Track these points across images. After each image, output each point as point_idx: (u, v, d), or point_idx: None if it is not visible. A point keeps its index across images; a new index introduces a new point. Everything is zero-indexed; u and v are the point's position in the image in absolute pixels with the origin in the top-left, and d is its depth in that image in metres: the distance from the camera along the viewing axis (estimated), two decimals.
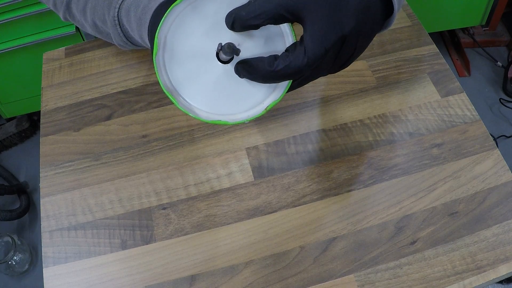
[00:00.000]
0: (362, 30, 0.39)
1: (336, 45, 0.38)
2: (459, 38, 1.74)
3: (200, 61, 0.41)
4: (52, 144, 0.63)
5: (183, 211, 0.56)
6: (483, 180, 0.56)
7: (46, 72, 0.71)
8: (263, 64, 0.39)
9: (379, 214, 0.55)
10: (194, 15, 0.40)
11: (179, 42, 0.41)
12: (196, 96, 0.42)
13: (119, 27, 0.55)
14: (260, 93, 0.42)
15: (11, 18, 1.26)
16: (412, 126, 0.61)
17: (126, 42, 0.56)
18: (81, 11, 0.58)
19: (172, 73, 0.42)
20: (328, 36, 0.37)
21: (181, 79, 0.42)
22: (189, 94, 0.42)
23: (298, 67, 0.38)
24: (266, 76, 0.39)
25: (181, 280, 0.52)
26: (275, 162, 0.59)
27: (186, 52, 0.41)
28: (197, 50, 0.41)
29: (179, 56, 0.41)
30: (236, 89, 0.42)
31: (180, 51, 0.41)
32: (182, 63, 0.42)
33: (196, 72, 0.42)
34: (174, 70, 0.42)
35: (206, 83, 0.42)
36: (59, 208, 0.58)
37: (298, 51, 0.38)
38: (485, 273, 0.50)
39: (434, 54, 0.68)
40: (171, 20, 0.40)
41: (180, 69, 0.42)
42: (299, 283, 0.51)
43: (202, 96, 0.42)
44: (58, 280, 0.53)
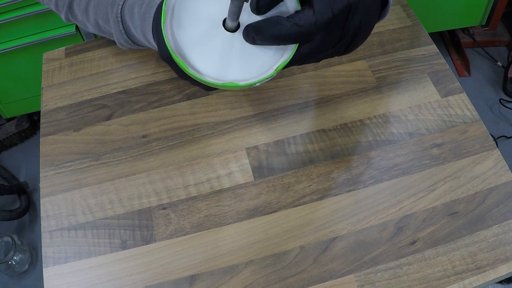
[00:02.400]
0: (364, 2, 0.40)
1: (342, 12, 0.39)
2: (459, 38, 1.74)
3: (207, 28, 0.42)
4: (52, 144, 0.63)
5: (183, 211, 0.56)
6: (483, 180, 0.56)
7: (46, 72, 0.71)
8: (273, 24, 0.39)
9: (379, 214, 0.55)
10: None
11: (186, 9, 0.42)
12: (204, 63, 0.42)
13: (121, 24, 0.55)
14: (268, 58, 0.42)
15: (11, 18, 1.26)
16: (412, 126, 0.61)
17: (127, 40, 0.56)
18: (83, 11, 0.58)
19: (180, 39, 0.42)
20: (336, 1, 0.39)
21: (189, 46, 0.42)
22: (198, 60, 0.42)
23: (308, 26, 0.39)
24: (276, 36, 0.40)
25: (181, 280, 0.52)
26: (275, 162, 0.59)
27: (193, 19, 0.42)
28: (204, 17, 0.42)
29: (187, 23, 0.42)
30: (244, 56, 0.42)
31: (187, 18, 0.42)
32: (190, 29, 0.42)
33: (204, 39, 0.42)
34: (181, 36, 0.42)
35: (214, 50, 0.42)
36: (59, 208, 0.58)
37: (307, 11, 0.39)
38: (485, 273, 0.50)
39: (434, 54, 0.68)
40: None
41: (187, 35, 0.42)
42: (299, 283, 0.51)
43: (210, 62, 0.42)
44: (58, 280, 0.53)
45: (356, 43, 0.43)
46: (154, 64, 0.70)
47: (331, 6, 0.39)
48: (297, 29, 0.39)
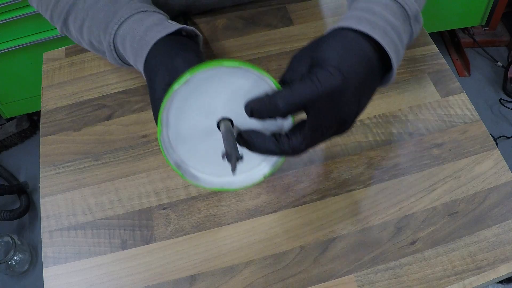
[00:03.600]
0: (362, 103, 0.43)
1: (334, 128, 0.42)
2: (459, 38, 1.74)
3: (203, 135, 0.45)
4: (52, 144, 0.63)
5: (183, 211, 0.56)
6: (483, 180, 0.56)
7: (46, 72, 0.71)
8: (263, 142, 0.42)
9: (379, 214, 0.55)
10: (194, 94, 0.42)
11: (182, 120, 0.44)
12: (200, 164, 0.47)
13: (114, 52, 0.55)
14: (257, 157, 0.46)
15: (11, 18, 1.26)
16: (412, 126, 0.61)
17: (122, 64, 0.57)
18: (78, 30, 0.58)
19: (178, 149, 0.46)
20: (327, 124, 0.41)
21: (186, 153, 0.46)
22: (194, 163, 0.47)
23: (296, 151, 0.42)
24: (265, 153, 0.43)
25: (181, 280, 0.52)
26: None
27: (188, 128, 0.44)
28: (200, 126, 0.44)
29: (183, 132, 0.44)
30: None
31: (183, 128, 0.44)
32: (186, 138, 0.45)
33: (200, 145, 0.46)
34: (179, 146, 0.45)
35: (209, 152, 0.46)
36: (59, 208, 0.58)
37: (296, 137, 0.41)
38: (485, 273, 0.50)
39: (434, 54, 0.68)
40: (172, 99, 0.42)
41: (184, 144, 0.45)
42: (299, 283, 0.51)
43: (205, 163, 0.47)
44: (58, 280, 0.53)
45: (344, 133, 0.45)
46: None
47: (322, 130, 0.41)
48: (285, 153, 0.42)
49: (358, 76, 0.40)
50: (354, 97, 0.41)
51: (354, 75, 0.40)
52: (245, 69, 0.41)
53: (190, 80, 0.41)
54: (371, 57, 0.42)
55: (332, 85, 0.39)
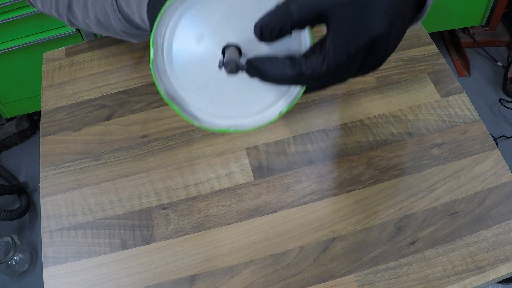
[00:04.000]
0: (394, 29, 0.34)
1: (362, 51, 0.34)
2: (459, 38, 1.74)
3: (203, 64, 0.37)
4: (52, 144, 0.63)
5: (183, 211, 0.56)
6: (483, 180, 0.56)
7: (46, 72, 0.71)
8: (277, 66, 0.35)
9: (379, 214, 0.55)
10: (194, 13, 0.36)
11: (178, 45, 0.37)
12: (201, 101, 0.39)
13: (118, 12, 0.52)
14: (272, 94, 0.38)
15: (11, 18, 1.26)
16: (412, 126, 0.61)
17: (129, 27, 0.54)
18: (83, 9, 0.57)
19: (173, 79, 0.38)
20: (354, 40, 0.33)
21: (182, 85, 0.38)
22: (193, 100, 0.39)
23: (315, 74, 0.34)
24: (280, 79, 0.36)
25: (181, 280, 0.52)
26: (275, 162, 0.59)
27: (187, 55, 0.37)
28: (200, 52, 0.37)
29: (180, 60, 0.37)
30: (245, 90, 0.38)
31: (180, 54, 0.37)
32: (184, 67, 0.38)
33: (200, 75, 0.38)
34: (174, 75, 0.38)
35: (211, 85, 0.38)
36: (59, 208, 0.58)
37: (316, 56, 0.34)
38: (485, 273, 0.50)
39: (434, 54, 0.68)
40: (167, 19, 0.36)
41: (181, 74, 0.38)
42: (299, 283, 0.51)
43: (207, 99, 0.39)
44: (58, 280, 0.53)
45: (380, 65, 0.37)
46: None
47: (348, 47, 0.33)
48: (303, 78, 0.35)
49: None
50: (384, 12, 0.33)
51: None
52: None
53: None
54: None
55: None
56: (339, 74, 0.35)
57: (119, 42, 0.73)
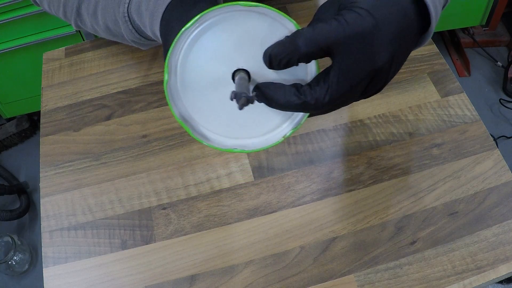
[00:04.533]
0: (396, 59, 0.37)
1: (365, 81, 0.36)
2: (459, 38, 1.74)
3: (213, 87, 0.40)
4: (52, 144, 0.63)
5: (183, 211, 0.56)
6: (483, 180, 0.56)
7: (46, 72, 0.71)
8: (283, 94, 0.37)
9: (379, 214, 0.55)
10: (208, 37, 0.38)
11: (191, 68, 0.39)
12: (210, 122, 0.41)
13: (130, 23, 0.52)
14: (278, 116, 0.41)
15: (11, 18, 1.26)
16: (412, 126, 0.61)
17: (139, 38, 0.54)
18: (92, 15, 0.56)
19: (186, 100, 0.40)
20: (357, 73, 0.35)
21: (194, 106, 0.40)
22: (203, 120, 0.41)
23: (319, 104, 0.36)
24: (285, 106, 0.37)
25: (181, 280, 0.52)
26: (275, 162, 0.59)
27: (198, 78, 0.39)
28: (210, 76, 0.39)
29: (192, 83, 0.39)
30: (251, 113, 0.40)
31: (192, 77, 0.39)
32: (195, 90, 0.40)
33: (211, 98, 0.40)
34: (187, 97, 0.40)
35: (220, 108, 0.40)
36: (59, 208, 0.58)
37: (320, 87, 0.36)
38: (485, 273, 0.50)
39: (434, 54, 0.68)
40: (181, 44, 0.37)
41: (193, 96, 0.40)
42: (299, 283, 0.51)
43: (216, 121, 0.41)
44: (58, 280, 0.53)
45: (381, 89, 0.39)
46: (154, 64, 0.70)
47: (351, 79, 0.35)
48: (307, 106, 0.37)
49: (391, 23, 0.36)
50: (388, 46, 0.35)
51: (387, 21, 0.35)
52: (262, 9, 0.36)
53: (200, 20, 0.36)
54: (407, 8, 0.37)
55: (361, 26, 0.34)
56: (341, 102, 0.37)
57: (119, 42, 0.73)
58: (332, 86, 0.36)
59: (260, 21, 0.37)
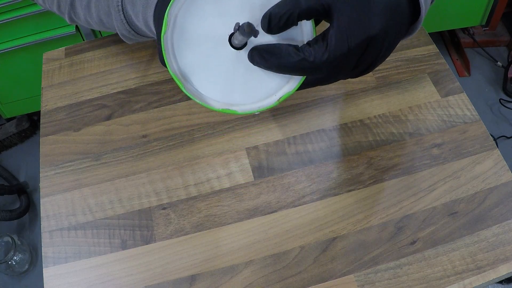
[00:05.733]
0: (389, 32, 0.38)
1: (360, 46, 0.37)
2: (459, 38, 1.74)
3: (211, 45, 0.39)
4: (52, 144, 0.63)
5: (183, 211, 0.56)
6: (483, 180, 0.56)
7: (46, 72, 0.71)
8: (280, 53, 0.37)
9: (379, 214, 0.55)
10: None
11: (191, 23, 0.38)
12: (205, 82, 0.40)
13: (122, 13, 0.52)
14: (273, 83, 0.40)
15: (11, 18, 1.26)
16: (412, 126, 0.61)
17: (129, 30, 0.54)
18: (86, 7, 0.56)
19: (181, 56, 0.40)
20: (354, 34, 0.36)
21: (190, 63, 0.40)
22: (198, 79, 0.40)
23: (317, 62, 0.36)
24: (282, 66, 0.37)
25: (181, 280, 0.52)
26: (275, 162, 0.59)
27: (197, 34, 0.39)
28: (209, 33, 0.39)
29: (190, 38, 0.39)
30: (248, 77, 0.40)
31: (191, 32, 0.39)
32: (193, 46, 0.39)
33: (207, 56, 0.40)
34: (183, 52, 0.39)
35: (216, 69, 0.40)
36: (59, 208, 0.58)
37: (319, 45, 0.36)
38: (485, 273, 0.50)
39: (434, 54, 0.68)
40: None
41: (190, 52, 0.39)
42: (299, 283, 0.51)
43: (211, 82, 0.40)
44: (58, 280, 0.53)
45: (372, 68, 0.40)
46: (154, 64, 0.70)
47: (348, 40, 0.36)
48: (305, 64, 0.37)
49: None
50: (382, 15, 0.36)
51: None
52: None
53: None
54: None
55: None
56: (337, 67, 0.37)
57: (119, 42, 0.73)
58: (330, 44, 0.36)
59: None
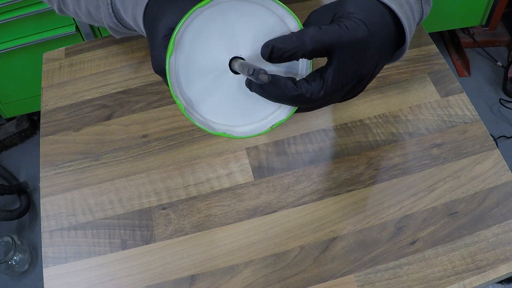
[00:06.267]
0: (378, 67, 0.42)
1: (352, 82, 0.41)
2: (459, 38, 1.74)
3: (211, 70, 0.41)
4: (52, 144, 0.63)
5: (183, 211, 0.56)
6: (483, 180, 0.56)
7: (46, 72, 0.71)
8: (279, 85, 0.39)
9: (379, 214, 0.55)
10: (215, 20, 0.39)
11: (195, 46, 0.40)
12: (202, 104, 0.42)
13: (111, 7, 0.52)
14: (267, 108, 0.43)
15: (11, 18, 1.26)
16: (412, 126, 0.61)
17: (117, 24, 0.54)
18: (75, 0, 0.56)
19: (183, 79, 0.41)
20: (349, 75, 0.40)
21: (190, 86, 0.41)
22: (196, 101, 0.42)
23: (313, 97, 0.39)
24: (279, 97, 0.39)
25: (181, 280, 0.52)
26: (275, 162, 0.59)
27: (199, 59, 0.40)
28: (210, 58, 0.40)
29: (193, 62, 0.40)
30: (242, 101, 0.42)
31: (194, 57, 0.40)
32: (194, 70, 0.41)
33: (206, 80, 0.41)
34: (185, 76, 0.41)
35: (214, 91, 0.42)
36: (59, 208, 0.58)
37: (316, 83, 0.39)
38: (485, 273, 0.50)
39: (434, 54, 0.68)
40: (191, 19, 0.38)
41: (191, 76, 0.41)
42: (299, 283, 0.51)
43: (208, 104, 0.42)
44: (58, 280, 0.53)
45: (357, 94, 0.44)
46: None
47: (343, 79, 0.40)
48: (302, 99, 0.39)
49: (380, 34, 0.40)
50: (375, 55, 0.40)
51: (377, 32, 0.40)
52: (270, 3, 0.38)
53: (214, 3, 0.38)
54: (390, 23, 0.42)
55: (359, 34, 0.39)
56: (330, 99, 0.41)
57: (119, 42, 0.73)
58: (327, 83, 0.39)
59: (266, 15, 0.39)
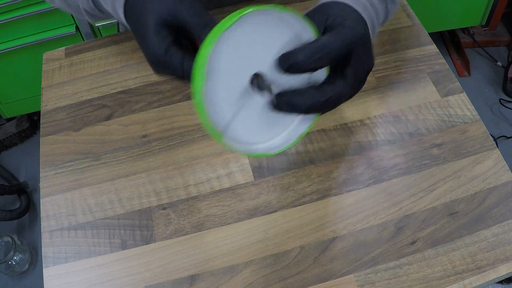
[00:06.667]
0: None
1: (365, 77, 0.43)
2: (459, 38, 1.74)
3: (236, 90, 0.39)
4: (52, 144, 0.63)
5: (183, 211, 0.56)
6: (483, 180, 0.56)
7: (46, 72, 0.71)
8: (305, 98, 0.38)
9: (379, 214, 0.55)
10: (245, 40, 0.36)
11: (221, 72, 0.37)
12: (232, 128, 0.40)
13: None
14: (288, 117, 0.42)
15: (11, 18, 1.26)
16: (412, 126, 0.61)
17: (93, 8, 0.52)
18: None
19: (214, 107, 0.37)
20: (363, 71, 0.42)
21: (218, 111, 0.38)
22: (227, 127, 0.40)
23: (341, 97, 0.40)
24: (311, 109, 0.38)
25: (181, 280, 0.52)
26: (275, 162, 0.59)
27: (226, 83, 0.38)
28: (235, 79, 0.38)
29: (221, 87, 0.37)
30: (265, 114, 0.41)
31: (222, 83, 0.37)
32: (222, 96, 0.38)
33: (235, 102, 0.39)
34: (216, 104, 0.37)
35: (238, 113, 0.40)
36: (59, 208, 0.58)
37: (339, 83, 0.40)
38: (485, 273, 0.50)
39: (434, 54, 0.68)
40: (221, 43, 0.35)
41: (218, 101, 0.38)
42: (299, 283, 0.51)
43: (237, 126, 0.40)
44: (58, 280, 0.53)
45: None
46: None
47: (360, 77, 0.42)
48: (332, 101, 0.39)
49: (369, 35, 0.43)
50: (372, 48, 0.43)
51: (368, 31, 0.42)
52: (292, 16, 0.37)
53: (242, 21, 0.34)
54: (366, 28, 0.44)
55: (363, 31, 0.41)
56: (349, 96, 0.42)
57: (119, 42, 0.73)
58: (349, 80, 0.40)
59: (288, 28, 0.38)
